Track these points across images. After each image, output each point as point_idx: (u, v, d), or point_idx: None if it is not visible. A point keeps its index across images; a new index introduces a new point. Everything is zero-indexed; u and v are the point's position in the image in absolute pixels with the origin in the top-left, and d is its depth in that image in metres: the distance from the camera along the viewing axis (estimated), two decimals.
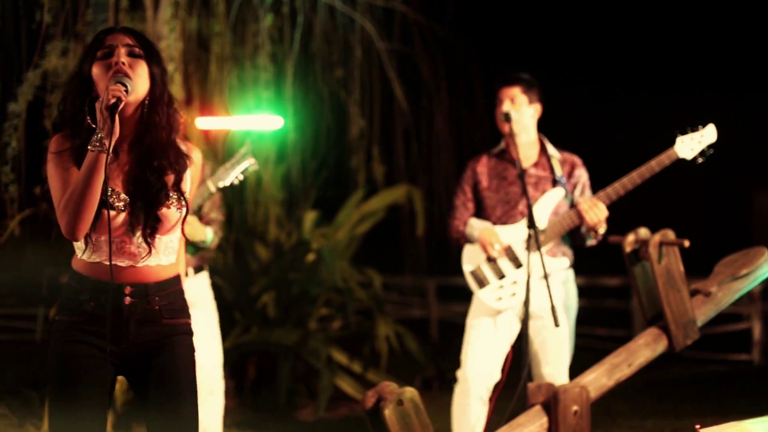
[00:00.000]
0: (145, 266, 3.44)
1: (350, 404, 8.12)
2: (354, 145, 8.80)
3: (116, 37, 3.42)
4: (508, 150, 5.63)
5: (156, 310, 3.46)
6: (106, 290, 3.40)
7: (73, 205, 3.26)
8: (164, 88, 3.45)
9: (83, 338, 3.43)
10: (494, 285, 5.52)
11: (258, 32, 8.79)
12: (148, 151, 3.41)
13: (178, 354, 3.51)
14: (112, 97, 3.21)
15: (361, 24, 8.62)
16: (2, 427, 7.63)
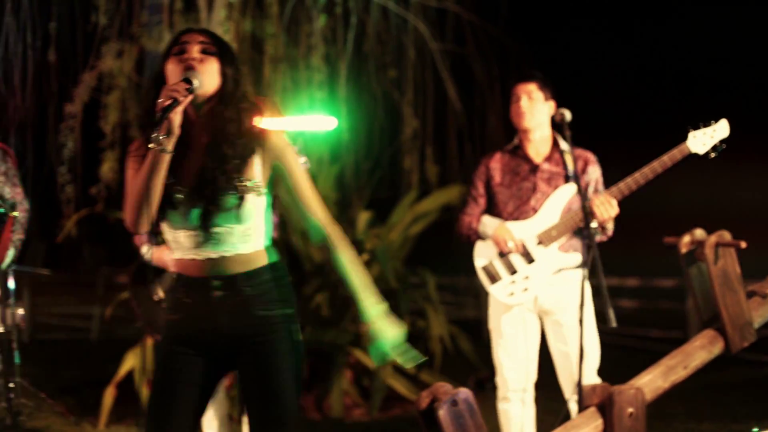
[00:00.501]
0: (226, 257, 3.47)
1: (403, 404, 8.12)
2: (407, 146, 8.81)
3: (191, 35, 3.47)
4: (521, 146, 5.68)
5: (246, 300, 3.48)
6: (194, 286, 3.48)
7: (134, 200, 3.33)
8: (236, 86, 3.48)
9: (181, 335, 3.51)
10: (506, 280, 5.55)
11: (311, 33, 8.83)
12: (215, 143, 3.44)
13: (277, 349, 3.51)
14: (168, 98, 3.24)
15: (414, 24, 8.63)
16: (59, 425, 7.70)
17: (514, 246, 5.48)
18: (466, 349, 8.28)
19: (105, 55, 9.39)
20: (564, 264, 5.52)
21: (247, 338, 3.50)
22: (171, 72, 3.41)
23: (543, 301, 5.52)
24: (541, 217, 5.53)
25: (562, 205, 5.53)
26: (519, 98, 5.61)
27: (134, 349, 7.75)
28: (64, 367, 10.49)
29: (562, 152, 5.61)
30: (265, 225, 3.56)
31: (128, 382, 7.74)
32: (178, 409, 3.49)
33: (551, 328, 5.58)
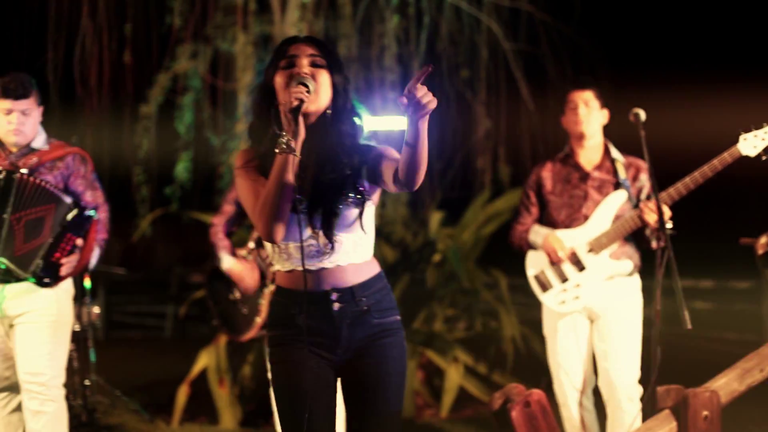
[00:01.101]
0: (341, 267, 3.48)
1: (475, 405, 8.09)
2: (480, 146, 8.79)
3: (299, 47, 3.46)
4: (573, 154, 5.66)
5: (365, 310, 3.51)
6: (313, 300, 3.47)
7: (268, 208, 3.33)
8: (347, 96, 3.49)
9: (299, 347, 3.49)
10: (557, 288, 5.56)
11: (384, 33, 8.83)
12: (330, 156, 3.45)
13: (387, 356, 3.54)
14: (295, 99, 3.27)
15: (487, 24, 8.60)
16: (133, 422, 7.77)
17: (564, 255, 5.48)
18: (539, 350, 8.22)
19: (179, 56, 9.48)
20: (615, 271, 5.50)
21: (362, 346, 3.53)
22: (281, 87, 3.42)
23: (592, 305, 5.51)
24: (591, 225, 5.51)
25: (613, 213, 5.51)
26: (576, 105, 5.58)
27: (208, 348, 7.80)
28: (138, 365, 10.60)
29: (614, 160, 5.60)
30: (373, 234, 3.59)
31: (201, 381, 7.80)
32: (322, 411, 3.51)
33: (596, 328, 5.57)
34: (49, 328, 5.37)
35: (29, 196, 5.26)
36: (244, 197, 3.47)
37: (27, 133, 5.44)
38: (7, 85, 5.35)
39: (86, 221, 5.34)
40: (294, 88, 3.30)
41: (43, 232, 5.26)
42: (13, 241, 5.22)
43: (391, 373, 3.54)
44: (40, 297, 5.35)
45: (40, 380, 5.34)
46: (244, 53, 8.95)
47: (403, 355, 3.59)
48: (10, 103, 5.36)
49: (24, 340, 5.34)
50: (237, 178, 3.51)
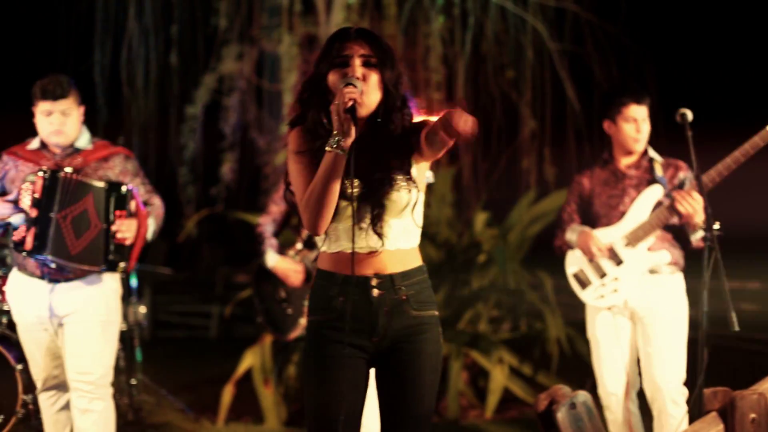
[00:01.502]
0: (386, 253, 3.51)
1: (520, 406, 8.06)
2: (525, 146, 8.76)
3: (352, 46, 3.47)
4: (612, 159, 5.70)
5: (404, 299, 3.52)
6: (354, 283, 3.49)
7: (314, 203, 3.37)
8: (397, 93, 3.50)
9: (336, 337, 3.50)
10: (596, 284, 5.59)
11: (429, 34, 8.83)
12: (382, 150, 3.48)
13: (425, 351, 3.55)
14: (349, 100, 3.29)
15: (533, 24, 8.57)
16: (179, 421, 7.81)
17: (598, 251, 5.48)
18: (584, 352, 8.18)
19: (225, 57, 9.53)
20: (653, 264, 5.52)
21: (398, 338, 3.54)
22: (335, 85, 3.45)
23: (633, 302, 5.52)
24: (628, 219, 5.54)
25: (650, 207, 5.54)
26: (638, 122, 5.58)
27: (253, 348, 7.83)
28: (183, 365, 10.64)
29: (651, 159, 5.61)
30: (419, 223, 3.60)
31: (247, 380, 7.82)
32: (348, 413, 3.51)
33: (640, 330, 5.56)
34: (97, 327, 5.41)
35: (72, 193, 5.32)
36: (295, 183, 3.52)
37: (68, 133, 5.49)
38: (46, 87, 5.41)
39: (126, 194, 5.40)
40: (345, 89, 3.32)
41: (91, 222, 5.32)
42: (64, 240, 5.27)
43: (426, 369, 3.55)
44: (88, 296, 5.40)
45: (88, 379, 5.38)
46: (289, 54, 8.97)
47: (439, 351, 3.61)
48: (50, 104, 5.41)
49: (73, 339, 5.39)
50: (289, 161, 3.55)
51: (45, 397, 5.64)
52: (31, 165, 5.47)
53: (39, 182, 5.31)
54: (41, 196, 5.30)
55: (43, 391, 5.62)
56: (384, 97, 3.48)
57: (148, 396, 8.22)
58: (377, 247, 3.49)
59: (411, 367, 3.52)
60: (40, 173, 5.32)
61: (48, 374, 5.57)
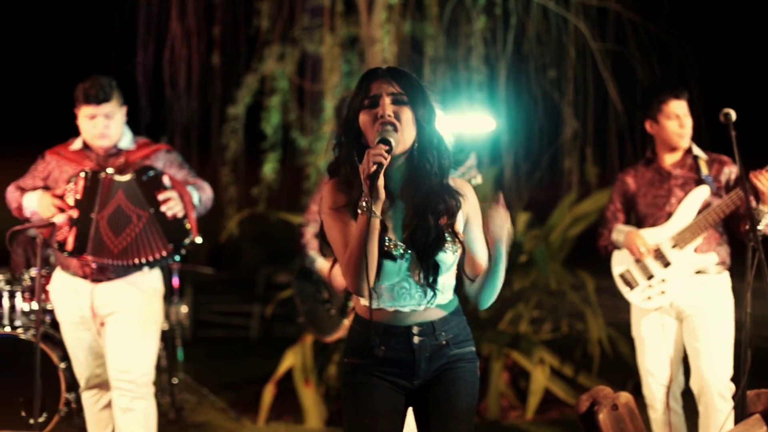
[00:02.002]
0: (429, 309, 3.52)
1: (561, 407, 8.04)
2: (567, 147, 8.71)
3: (381, 85, 3.44)
4: (656, 157, 5.67)
5: (444, 344, 3.55)
6: (395, 333, 3.52)
7: (353, 266, 3.34)
8: (432, 130, 3.46)
9: (374, 373, 3.54)
10: (643, 285, 5.57)
11: (471, 34, 8.80)
12: (422, 198, 3.45)
13: (460, 378, 3.59)
14: (373, 164, 3.25)
15: (575, 24, 8.52)
16: (220, 420, 7.84)
17: (646, 251, 5.46)
18: (625, 353, 8.14)
19: (267, 58, 9.55)
20: (701, 265, 5.50)
21: (437, 374, 3.58)
22: (365, 124, 3.43)
23: (681, 303, 5.51)
24: (675, 221, 5.51)
25: (696, 208, 5.51)
26: (680, 117, 5.55)
27: (294, 347, 7.85)
28: (224, 364, 10.69)
29: (696, 157, 5.58)
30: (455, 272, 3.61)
31: (287, 380, 7.85)
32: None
33: (687, 327, 5.54)
34: (139, 327, 5.45)
35: (107, 193, 5.36)
36: (333, 240, 3.49)
37: (112, 135, 5.53)
38: (88, 91, 5.44)
39: (157, 176, 5.43)
40: (374, 151, 3.28)
41: (131, 215, 5.36)
42: (103, 241, 5.31)
43: (463, 393, 3.59)
44: (130, 296, 5.43)
45: (130, 378, 5.42)
46: (331, 55, 8.98)
47: (475, 380, 3.63)
48: (93, 108, 5.45)
49: (114, 338, 5.43)
50: (325, 219, 3.52)
51: (88, 396, 5.68)
52: (73, 165, 5.52)
53: (80, 183, 5.35)
54: (82, 197, 5.34)
55: (85, 389, 5.66)
56: (418, 134, 3.45)
57: (190, 395, 8.27)
58: (418, 308, 3.51)
59: (448, 392, 3.55)
60: (82, 174, 5.37)
61: (90, 373, 5.62)
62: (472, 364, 3.63)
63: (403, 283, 3.47)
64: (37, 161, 5.68)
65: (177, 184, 5.49)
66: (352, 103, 3.51)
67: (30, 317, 6.42)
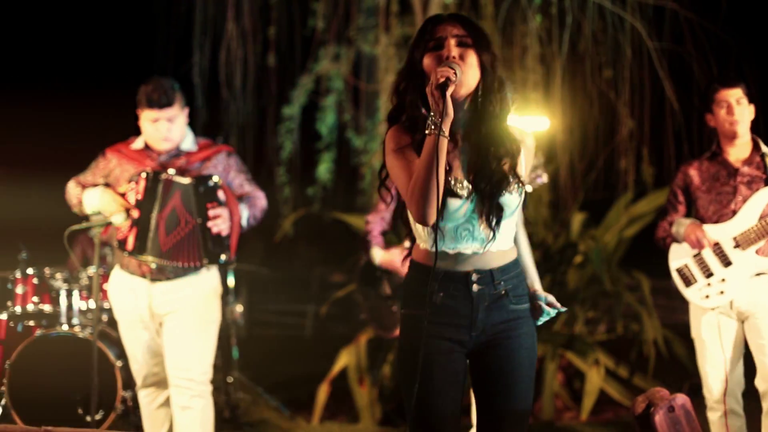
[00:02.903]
0: (488, 252, 3.49)
1: (615, 409, 7.99)
2: (623, 146, 8.66)
3: (445, 27, 3.44)
4: (721, 152, 5.59)
5: (503, 294, 3.52)
6: (454, 278, 3.49)
7: (419, 191, 3.31)
8: (495, 74, 3.46)
9: (434, 332, 3.49)
10: (701, 283, 5.52)
11: (526, 33, 8.77)
12: (486, 141, 3.45)
13: (521, 347, 3.56)
14: (441, 77, 3.25)
15: (631, 23, 8.46)
16: (274, 419, 7.88)
17: (707, 243, 5.40)
18: (681, 354, 8.09)
19: (322, 58, 9.59)
20: (762, 268, 5.41)
21: (496, 332, 3.54)
22: (430, 69, 3.42)
23: (740, 304, 5.43)
24: (739, 220, 5.43)
25: (762, 208, 5.40)
26: (730, 105, 5.50)
27: (348, 347, 7.87)
28: (279, 363, 10.73)
29: (763, 155, 5.51)
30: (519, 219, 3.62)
31: (342, 379, 7.86)
32: (449, 409, 3.53)
33: (750, 326, 5.48)
34: (197, 326, 5.49)
35: (167, 194, 5.40)
36: (398, 178, 3.46)
37: (175, 138, 5.58)
38: (151, 95, 5.48)
39: (214, 187, 5.45)
40: (442, 68, 3.29)
41: (180, 219, 5.39)
42: (158, 240, 5.36)
43: (524, 364, 3.55)
44: (188, 295, 5.48)
45: (188, 376, 5.46)
46: (386, 55, 9.00)
47: (534, 345, 3.61)
48: (156, 112, 5.49)
49: (172, 337, 5.47)
50: (389, 159, 3.50)
51: (144, 394, 5.73)
52: (135, 165, 5.57)
53: (142, 183, 5.40)
54: (143, 198, 5.39)
55: (142, 388, 5.71)
56: (482, 77, 3.45)
57: (244, 394, 8.31)
58: (479, 250, 3.48)
59: (509, 362, 3.52)
60: (143, 175, 5.41)
61: (148, 371, 5.66)
62: (530, 324, 3.60)
63: (466, 224, 3.45)
64: (97, 158, 5.75)
65: (231, 200, 5.52)
66: (415, 46, 3.50)
67: (87, 316, 6.50)
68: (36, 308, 6.50)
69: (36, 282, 6.52)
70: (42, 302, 6.54)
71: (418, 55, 3.47)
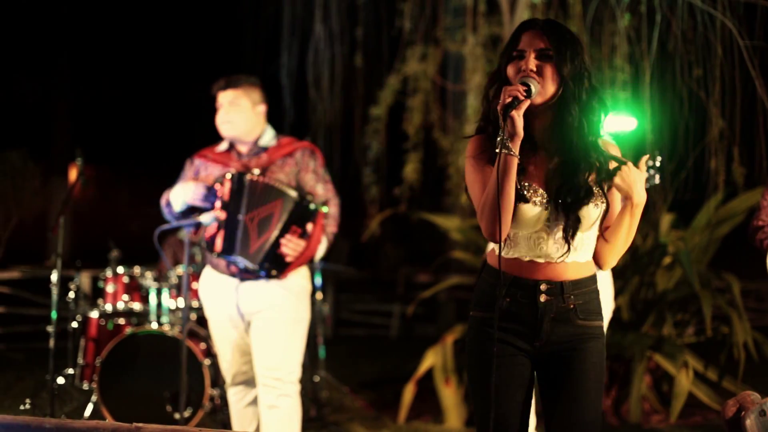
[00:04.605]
0: (562, 263, 3.47)
1: (704, 412, 7.90)
2: (713, 147, 8.54)
3: (530, 38, 3.44)
4: None
5: (571, 308, 3.50)
6: (522, 286, 3.48)
7: (489, 208, 3.33)
8: (579, 86, 3.42)
9: (499, 335, 3.47)
10: None
11: (615, 32, 8.71)
12: (567, 152, 3.43)
13: (589, 360, 3.52)
14: (508, 96, 3.26)
15: (722, 21, 8.34)
16: (360, 418, 7.90)
17: None
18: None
19: (409, 58, 9.61)
20: None
21: (562, 344, 3.52)
22: (510, 76, 3.44)
23: None
24: None
25: None
26: None
27: (434, 347, 7.86)
28: (365, 363, 10.77)
29: None
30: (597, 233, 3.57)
31: (428, 380, 7.87)
32: (514, 410, 3.53)
33: None
34: (285, 325, 5.51)
35: (260, 196, 5.42)
36: (472, 189, 3.49)
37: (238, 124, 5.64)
38: (217, 82, 5.64)
39: (311, 212, 5.45)
40: (511, 87, 3.29)
41: (271, 226, 5.41)
42: (248, 241, 5.39)
43: (590, 377, 3.51)
44: (277, 294, 5.50)
45: (276, 375, 5.49)
46: (473, 54, 9.00)
47: (602, 362, 3.56)
48: (220, 95, 5.64)
49: (261, 336, 5.51)
50: (466, 166, 3.53)
51: (233, 392, 5.78)
52: (219, 167, 5.62)
53: (227, 185, 5.45)
54: (229, 199, 5.44)
55: (231, 386, 5.76)
56: (562, 89, 3.42)
57: (331, 393, 8.35)
58: (554, 260, 3.47)
59: (574, 374, 3.49)
60: (228, 176, 5.46)
61: (237, 370, 5.71)
62: (599, 341, 3.55)
63: (541, 233, 3.44)
64: (185, 166, 5.82)
65: (314, 238, 5.51)
66: (504, 52, 3.52)
67: (176, 314, 6.59)
68: (126, 306, 6.61)
69: (126, 281, 6.62)
70: (132, 301, 6.64)
71: (504, 62, 3.49)
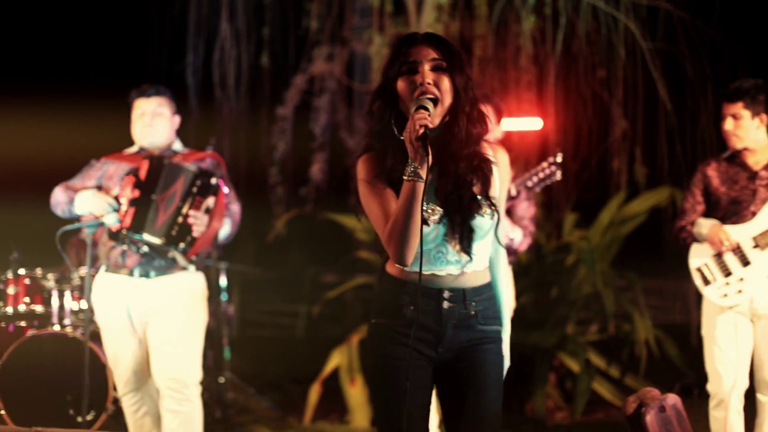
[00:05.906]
0: (462, 273, 3.48)
1: (607, 409, 8.01)
2: (616, 147, 8.67)
3: (420, 51, 3.41)
4: (738, 154, 5.61)
5: (473, 315, 3.52)
6: (425, 295, 3.47)
7: (398, 235, 3.31)
8: (466, 97, 3.42)
9: (402, 340, 3.47)
10: (720, 282, 5.53)
11: (520, 34, 8.78)
12: (454, 164, 3.41)
13: (489, 360, 3.56)
14: (420, 127, 3.21)
15: (625, 23, 8.46)
16: (266, 420, 7.87)
17: (729, 245, 5.43)
18: (673, 354, 8.10)
19: (316, 58, 9.58)
20: None
21: (462, 349, 3.54)
22: (404, 93, 3.39)
23: (758, 304, 5.46)
24: (758, 221, 5.49)
25: None
26: (724, 119, 5.56)
27: (340, 347, 7.86)
28: (270, 364, 10.71)
29: None
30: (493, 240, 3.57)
31: (333, 380, 7.86)
32: (417, 413, 3.53)
33: (760, 326, 5.52)
34: (181, 329, 5.47)
35: (171, 176, 5.40)
36: (372, 212, 3.45)
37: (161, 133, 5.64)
38: (141, 87, 5.66)
39: (213, 187, 5.44)
40: (416, 115, 3.25)
41: (175, 200, 5.38)
42: (156, 219, 5.35)
43: (490, 376, 3.55)
44: (170, 296, 5.45)
45: (176, 379, 5.44)
46: (379, 55, 9.00)
47: (501, 363, 3.61)
48: (144, 101, 5.62)
49: (158, 341, 5.46)
50: (360, 188, 3.48)
51: (128, 401, 5.69)
52: (131, 164, 5.58)
53: (145, 165, 5.41)
54: (145, 179, 5.39)
55: (126, 394, 5.67)
56: (454, 101, 3.41)
57: (236, 394, 8.30)
58: (454, 272, 3.49)
59: (475, 373, 3.53)
60: (147, 158, 5.44)
61: (129, 377, 5.63)
62: (497, 344, 3.59)
63: (440, 247, 3.44)
64: (89, 163, 5.75)
65: (219, 211, 5.49)
66: (389, 68, 3.46)
67: (79, 316, 6.48)
68: (27, 309, 6.48)
69: (27, 282, 6.50)
70: (33, 303, 6.52)
71: (392, 76, 3.44)
